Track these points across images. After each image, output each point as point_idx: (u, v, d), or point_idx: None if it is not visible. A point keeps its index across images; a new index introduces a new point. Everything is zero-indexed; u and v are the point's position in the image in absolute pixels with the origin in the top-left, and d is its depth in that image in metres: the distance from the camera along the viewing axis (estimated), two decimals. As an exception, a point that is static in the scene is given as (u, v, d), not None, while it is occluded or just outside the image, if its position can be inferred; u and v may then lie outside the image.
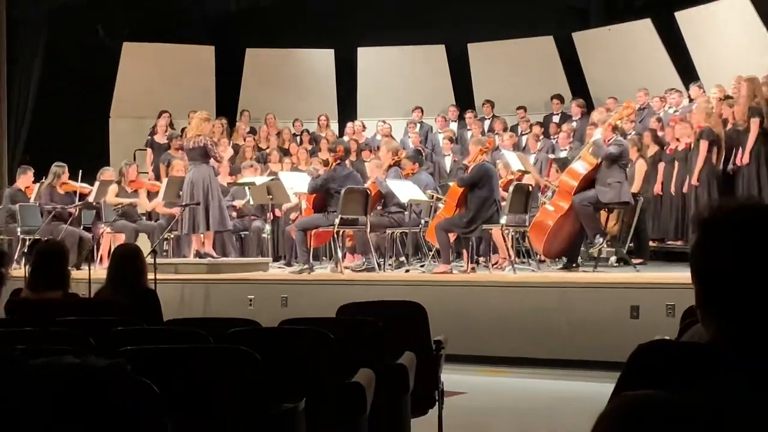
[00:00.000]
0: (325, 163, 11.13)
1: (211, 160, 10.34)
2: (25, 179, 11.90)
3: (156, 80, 15.19)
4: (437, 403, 4.90)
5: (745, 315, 1.56)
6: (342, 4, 14.89)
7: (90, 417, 2.42)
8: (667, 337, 3.08)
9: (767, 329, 1.54)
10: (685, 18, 13.35)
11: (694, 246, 1.65)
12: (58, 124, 13.62)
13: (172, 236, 11.20)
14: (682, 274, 7.93)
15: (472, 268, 9.55)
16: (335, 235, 9.98)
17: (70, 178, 11.56)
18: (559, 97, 14.03)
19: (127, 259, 5.13)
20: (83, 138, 13.98)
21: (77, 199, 11.43)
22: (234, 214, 11.33)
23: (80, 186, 11.54)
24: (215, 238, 10.61)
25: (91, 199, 11.45)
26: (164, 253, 11.26)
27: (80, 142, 13.64)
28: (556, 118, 13.78)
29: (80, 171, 11.55)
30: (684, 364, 1.55)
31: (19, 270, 8.78)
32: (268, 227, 11.61)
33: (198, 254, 10.40)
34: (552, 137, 13.02)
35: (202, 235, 10.36)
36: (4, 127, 13.09)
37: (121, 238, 10.89)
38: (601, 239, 9.29)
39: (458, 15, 15.29)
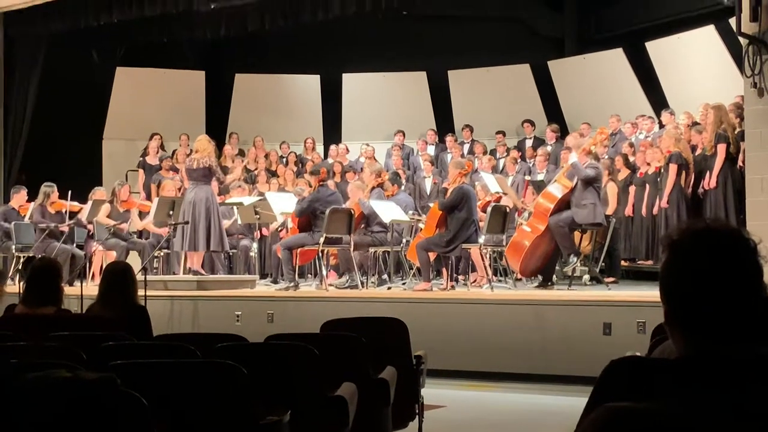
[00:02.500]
0: (311, 184, 11.18)
1: (213, 182, 10.49)
2: (18, 198, 11.98)
3: (148, 104, 15.25)
4: (417, 416, 4.93)
5: (709, 333, 1.60)
6: (328, 32, 14.89)
7: (81, 430, 2.42)
8: (638, 353, 3.20)
9: (730, 346, 1.58)
10: (655, 48, 13.57)
11: (663, 265, 1.68)
12: (54, 145, 13.61)
13: (162, 254, 11.26)
14: (652, 293, 7.86)
15: (452, 286, 9.57)
16: (320, 254, 10.06)
17: (60, 198, 11.66)
18: (530, 122, 14.12)
19: (117, 276, 5.12)
20: (77, 158, 14.01)
21: (68, 217, 11.51)
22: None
23: (70, 204, 11.62)
24: (205, 255, 10.68)
25: (83, 217, 11.52)
26: (155, 270, 11.29)
27: (74, 162, 13.67)
28: (529, 142, 13.86)
29: (69, 192, 11.63)
30: (654, 379, 1.57)
31: (13, 287, 8.75)
32: (255, 246, 11.68)
33: (190, 271, 10.48)
34: (528, 161, 13.06)
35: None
36: (0, 147, 13.18)
37: (113, 256, 10.96)
38: (575, 259, 9.34)
39: (439, 43, 15.50)
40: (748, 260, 1.62)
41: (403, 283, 10.44)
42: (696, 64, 12.86)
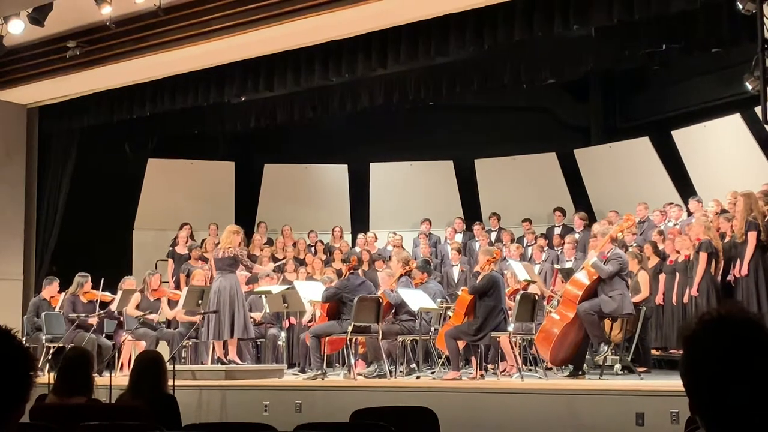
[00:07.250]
0: (339, 272, 11.24)
1: (238, 270, 10.59)
2: (50, 290, 12.16)
3: (178, 194, 15.44)
4: (447, 506, 4.83)
5: (730, 424, 1.62)
6: (355, 122, 15.18)
7: None
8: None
9: None
10: (681, 136, 13.62)
11: (681, 359, 1.71)
12: (85, 236, 13.73)
13: (190, 343, 11.28)
14: (684, 382, 8.11)
15: (481, 375, 9.50)
16: (348, 342, 10.03)
17: (92, 287, 11.81)
18: (561, 210, 14.14)
19: (149, 365, 5.13)
20: (108, 249, 14.11)
21: (98, 307, 11.62)
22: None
23: (102, 294, 11.75)
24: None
25: (114, 307, 11.63)
26: (182, 360, 11.28)
27: (105, 252, 13.77)
28: (558, 230, 13.86)
29: (102, 279, 11.77)
30: None
31: (43, 377, 8.77)
32: (283, 334, 11.64)
33: (220, 361, 10.48)
34: (556, 248, 13.10)
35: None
36: (32, 238, 13.33)
37: (142, 346, 11.01)
38: (605, 347, 9.26)
39: (465, 133, 15.69)
40: (764, 348, 1.62)
41: (432, 372, 10.40)
42: (723, 152, 12.89)
